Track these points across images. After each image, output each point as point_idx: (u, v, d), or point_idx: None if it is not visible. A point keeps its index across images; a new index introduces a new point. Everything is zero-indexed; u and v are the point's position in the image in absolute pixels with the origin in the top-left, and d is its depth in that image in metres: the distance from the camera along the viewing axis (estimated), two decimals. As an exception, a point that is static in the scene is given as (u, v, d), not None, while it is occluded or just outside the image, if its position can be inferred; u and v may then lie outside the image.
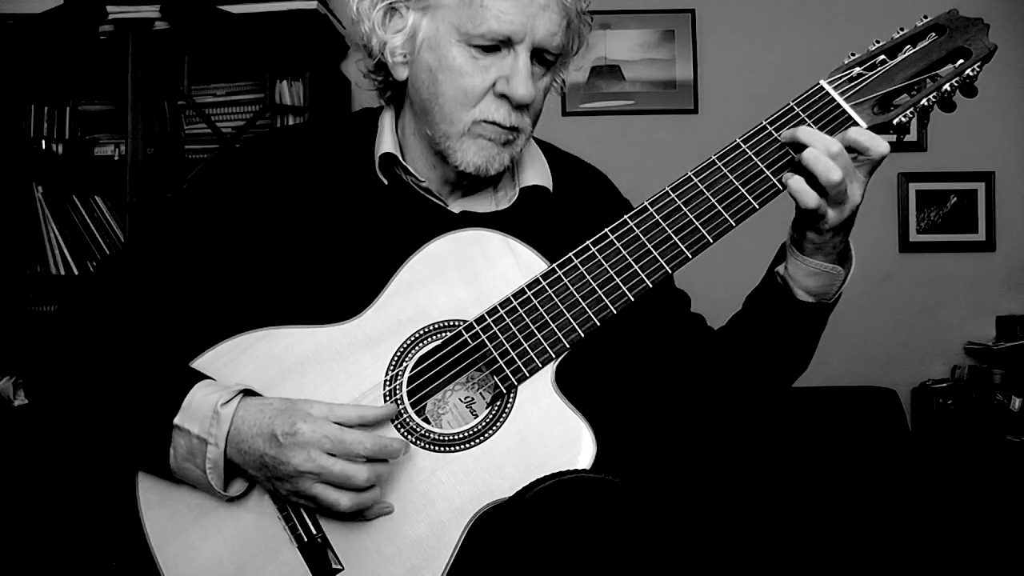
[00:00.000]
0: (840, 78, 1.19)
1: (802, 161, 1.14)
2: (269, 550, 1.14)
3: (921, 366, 3.00)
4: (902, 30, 1.21)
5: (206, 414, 1.12)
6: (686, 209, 1.18)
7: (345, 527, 1.13)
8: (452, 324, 1.19)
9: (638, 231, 1.18)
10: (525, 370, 1.16)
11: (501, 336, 1.17)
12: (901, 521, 2.41)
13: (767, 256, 1.32)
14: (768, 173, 1.17)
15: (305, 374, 1.17)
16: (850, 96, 1.18)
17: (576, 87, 3.08)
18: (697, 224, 1.17)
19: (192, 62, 2.73)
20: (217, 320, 1.22)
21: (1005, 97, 3.01)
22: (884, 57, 1.19)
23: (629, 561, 1.02)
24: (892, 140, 1.18)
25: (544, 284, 1.18)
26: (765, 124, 1.19)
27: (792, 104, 1.19)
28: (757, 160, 1.17)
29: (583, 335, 1.16)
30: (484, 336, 1.17)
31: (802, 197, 1.14)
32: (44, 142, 2.82)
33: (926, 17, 1.21)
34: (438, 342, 1.18)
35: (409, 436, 1.15)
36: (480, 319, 1.17)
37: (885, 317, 3.04)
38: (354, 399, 1.16)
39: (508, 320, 1.17)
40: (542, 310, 1.17)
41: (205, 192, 1.29)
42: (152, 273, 1.24)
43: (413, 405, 1.17)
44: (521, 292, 1.18)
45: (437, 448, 1.15)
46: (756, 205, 1.17)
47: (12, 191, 2.79)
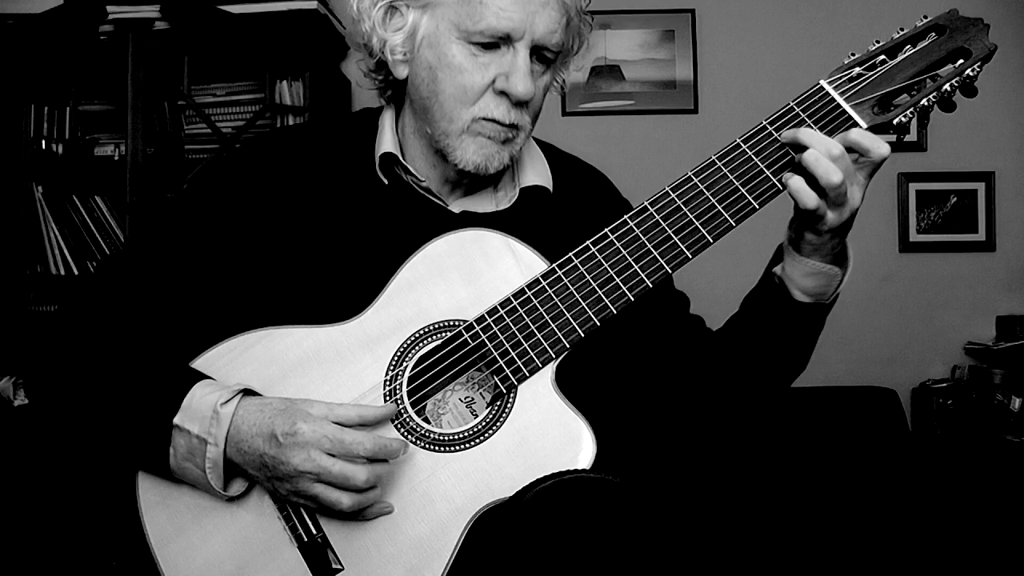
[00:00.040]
0: (840, 78, 1.19)
1: (803, 162, 1.14)
2: (269, 550, 1.14)
3: (921, 366, 3.00)
4: (902, 30, 1.21)
5: (206, 414, 1.12)
6: (686, 209, 1.18)
7: (345, 527, 1.13)
8: (452, 324, 1.19)
9: (638, 231, 1.18)
10: (525, 370, 1.16)
11: (501, 336, 1.17)
12: (901, 521, 2.41)
13: (767, 256, 1.32)
14: (768, 173, 1.17)
15: (305, 374, 1.17)
16: (850, 96, 1.18)
17: (576, 87, 3.07)
18: (697, 224, 1.17)
19: (192, 62, 2.73)
20: (217, 320, 1.22)
21: (1005, 97, 3.01)
22: (884, 57, 1.19)
23: (629, 561, 1.02)
24: (892, 140, 1.18)
25: (544, 284, 1.18)
26: (765, 124, 1.19)
27: (792, 104, 1.19)
28: (757, 160, 1.17)
29: (583, 335, 1.16)
30: (484, 336, 1.17)
31: (801, 197, 1.14)
32: (44, 142, 2.81)
33: (926, 17, 1.21)
34: (438, 342, 1.18)
35: (409, 436, 1.15)
36: (480, 319, 1.17)
37: (885, 317, 3.04)
38: (354, 399, 1.16)
39: (508, 320, 1.17)
40: (542, 310, 1.17)
41: (205, 192, 1.29)
42: (152, 273, 1.24)
43: (413, 405, 1.17)
44: (521, 292, 1.18)
45: (437, 448, 1.15)
46: (756, 205, 1.17)
47: (12, 191, 2.79)
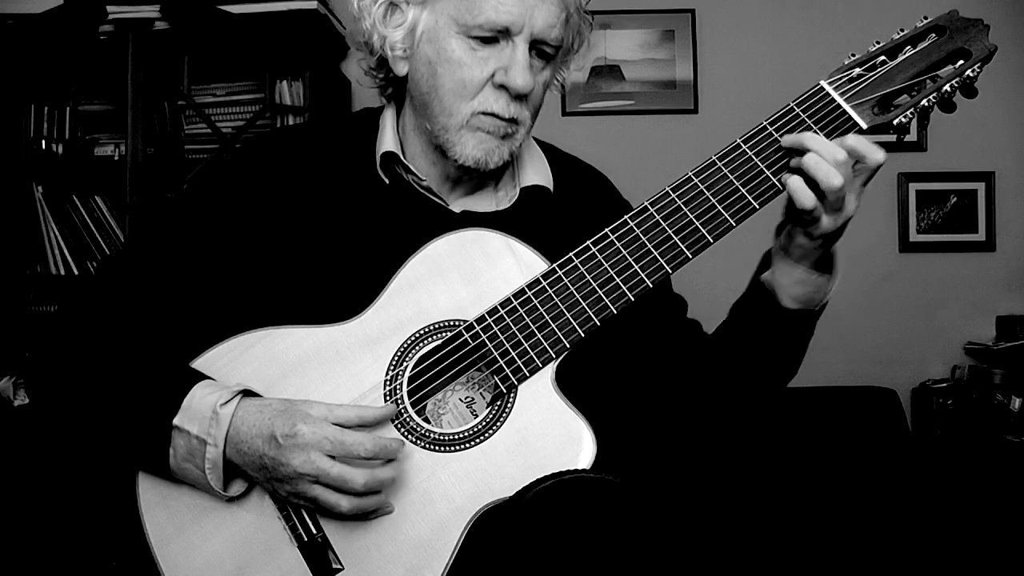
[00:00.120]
0: (840, 79, 1.19)
1: (803, 165, 1.14)
2: (269, 550, 1.14)
3: (921, 366, 3.00)
4: (902, 31, 1.21)
5: (205, 414, 1.12)
6: (686, 209, 1.18)
7: (345, 527, 1.13)
8: (452, 324, 1.19)
9: (638, 231, 1.18)
10: (525, 370, 1.16)
11: (501, 336, 1.17)
12: (901, 521, 2.41)
13: (767, 257, 1.32)
14: (768, 173, 1.17)
15: (305, 374, 1.17)
16: (850, 97, 1.18)
17: (576, 87, 3.07)
18: (697, 224, 1.17)
19: (192, 62, 2.73)
20: (217, 320, 1.22)
21: (1005, 97, 3.01)
22: (884, 58, 1.19)
23: (629, 561, 1.02)
24: (892, 140, 1.18)
25: (544, 284, 1.18)
26: (765, 124, 1.19)
27: (792, 104, 1.19)
28: (757, 160, 1.17)
29: (583, 335, 1.16)
30: (484, 336, 1.17)
31: (800, 197, 1.14)
32: (44, 142, 2.81)
33: (926, 18, 1.21)
34: (438, 342, 1.18)
35: (409, 436, 1.15)
36: (480, 319, 1.17)
37: (885, 317, 3.04)
38: (354, 399, 1.16)
39: (508, 320, 1.17)
40: (542, 310, 1.17)
41: (205, 192, 1.29)
42: (152, 273, 1.24)
43: (413, 405, 1.17)
44: (521, 292, 1.18)
45: (437, 448, 1.15)
46: (756, 205, 1.17)
47: (12, 191, 2.78)
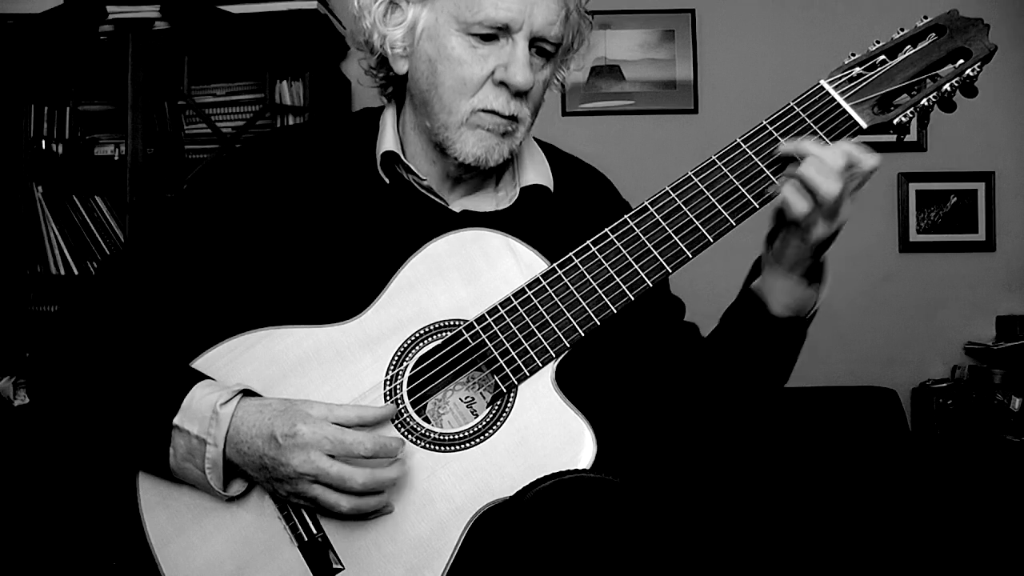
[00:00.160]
0: (840, 78, 1.19)
1: (802, 174, 1.12)
2: (269, 550, 1.14)
3: (921, 366, 3.00)
4: (902, 30, 1.21)
5: (205, 414, 1.12)
6: (686, 209, 1.18)
7: (345, 527, 1.13)
8: (452, 324, 1.19)
9: (638, 231, 1.18)
10: (525, 369, 1.16)
11: (501, 336, 1.17)
12: (901, 521, 2.41)
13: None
14: (768, 173, 1.17)
15: (305, 374, 1.17)
16: (850, 96, 1.18)
17: (576, 87, 3.07)
18: (697, 224, 1.17)
19: (192, 62, 2.73)
20: (217, 320, 1.22)
21: (1005, 97, 3.01)
22: (884, 57, 1.19)
23: (629, 561, 1.02)
24: (892, 140, 1.18)
25: (544, 284, 1.18)
26: (765, 124, 1.19)
27: (792, 104, 1.19)
28: (757, 160, 1.17)
29: (583, 334, 1.16)
30: (484, 336, 1.17)
31: (793, 204, 1.13)
32: (44, 142, 2.81)
33: (926, 17, 1.21)
34: (438, 342, 1.18)
35: (409, 436, 1.15)
36: (480, 319, 1.17)
37: (885, 317, 3.04)
38: (354, 399, 1.16)
39: (508, 320, 1.17)
40: (542, 310, 1.17)
41: (205, 192, 1.29)
42: (153, 273, 1.24)
43: (413, 405, 1.17)
44: (521, 292, 1.18)
45: (437, 448, 1.15)
46: (756, 205, 1.17)
47: (12, 191, 2.79)
